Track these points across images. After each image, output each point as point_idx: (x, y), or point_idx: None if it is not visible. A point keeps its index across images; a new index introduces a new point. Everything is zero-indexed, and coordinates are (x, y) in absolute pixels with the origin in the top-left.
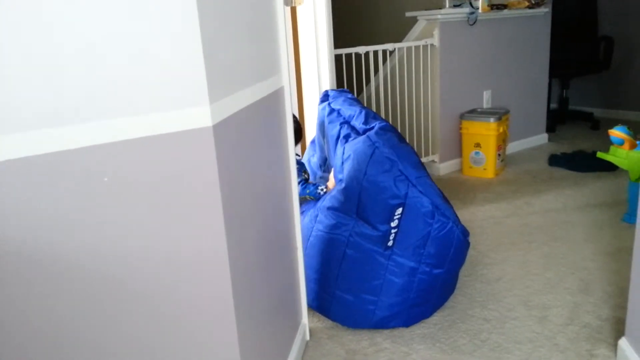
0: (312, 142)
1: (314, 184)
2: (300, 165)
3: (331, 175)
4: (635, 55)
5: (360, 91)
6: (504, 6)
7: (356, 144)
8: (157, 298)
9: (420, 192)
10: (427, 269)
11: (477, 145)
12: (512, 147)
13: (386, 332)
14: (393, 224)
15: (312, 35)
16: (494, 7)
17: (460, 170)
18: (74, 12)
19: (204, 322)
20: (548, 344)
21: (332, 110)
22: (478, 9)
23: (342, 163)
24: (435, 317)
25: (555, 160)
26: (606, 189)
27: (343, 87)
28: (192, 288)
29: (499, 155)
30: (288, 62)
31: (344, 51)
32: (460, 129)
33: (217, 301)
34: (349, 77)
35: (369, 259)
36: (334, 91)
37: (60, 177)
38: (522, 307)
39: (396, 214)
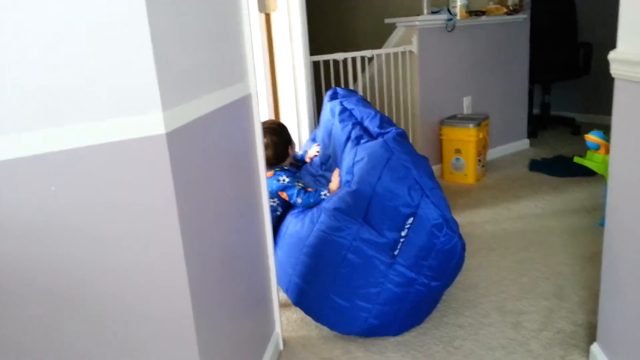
0: (313, 139)
1: (315, 190)
2: (293, 177)
3: (334, 175)
4: None
5: None
6: (482, 12)
7: (371, 147)
8: (110, 313)
9: (433, 203)
10: (426, 281)
11: (458, 151)
12: (494, 153)
13: (360, 339)
14: (403, 233)
15: (287, 42)
16: (471, 13)
17: (441, 176)
18: (17, 15)
19: (162, 337)
20: (521, 350)
21: (344, 109)
22: (456, 15)
23: (353, 165)
24: None
25: (535, 166)
26: (585, 194)
27: (321, 94)
28: (148, 303)
29: (479, 160)
30: (255, 69)
31: (321, 58)
32: (440, 135)
33: (175, 315)
34: (327, 84)
35: (370, 265)
36: (343, 90)
37: (5, 186)
38: (496, 313)
39: (407, 223)
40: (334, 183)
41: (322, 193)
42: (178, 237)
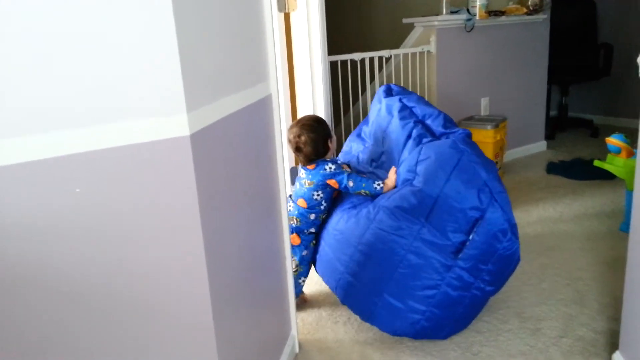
0: (358, 136)
1: (370, 179)
2: (337, 164)
3: (391, 173)
4: (635, 62)
5: (356, 99)
6: (501, 12)
7: (439, 147)
8: (129, 314)
9: (501, 207)
10: (482, 286)
11: None
12: (511, 155)
13: (377, 344)
14: (470, 236)
15: (306, 41)
16: (491, 13)
17: None
18: (41, 14)
19: (182, 338)
20: (541, 357)
21: (404, 107)
22: (475, 15)
23: (417, 163)
24: None
25: (553, 168)
26: (604, 198)
27: (338, 94)
28: (168, 305)
29: (497, 162)
30: (276, 69)
31: (339, 57)
32: None
33: (195, 316)
34: (344, 84)
35: (429, 267)
36: (397, 87)
37: (29, 188)
38: (515, 319)
39: (474, 226)
40: (391, 180)
41: (376, 183)
42: (200, 239)
